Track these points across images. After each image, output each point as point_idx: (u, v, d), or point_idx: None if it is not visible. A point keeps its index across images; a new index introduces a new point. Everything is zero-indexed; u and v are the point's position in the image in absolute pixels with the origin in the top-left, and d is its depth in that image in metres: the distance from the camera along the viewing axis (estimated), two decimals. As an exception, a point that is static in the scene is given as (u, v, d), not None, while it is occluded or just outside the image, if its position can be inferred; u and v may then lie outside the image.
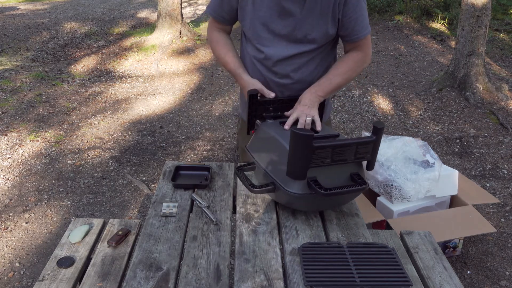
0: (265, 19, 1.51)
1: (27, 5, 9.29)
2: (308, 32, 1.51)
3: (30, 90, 4.72)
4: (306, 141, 1.22)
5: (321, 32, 1.51)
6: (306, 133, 1.22)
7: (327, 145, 1.26)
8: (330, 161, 1.29)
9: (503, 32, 6.47)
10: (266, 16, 1.50)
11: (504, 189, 3.02)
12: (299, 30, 1.50)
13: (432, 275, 1.36)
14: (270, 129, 1.48)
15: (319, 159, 1.27)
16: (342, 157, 1.30)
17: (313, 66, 1.59)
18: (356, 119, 4.13)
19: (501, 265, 2.36)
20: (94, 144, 3.66)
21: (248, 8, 1.52)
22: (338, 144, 1.27)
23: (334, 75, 1.56)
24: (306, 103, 1.50)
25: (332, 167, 1.32)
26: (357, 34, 1.53)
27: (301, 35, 1.52)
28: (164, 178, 1.68)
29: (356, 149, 1.30)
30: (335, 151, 1.27)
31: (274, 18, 1.50)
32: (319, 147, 1.24)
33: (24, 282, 2.28)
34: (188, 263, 1.25)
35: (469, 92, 4.27)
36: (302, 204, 1.41)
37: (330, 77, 1.55)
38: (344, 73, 1.56)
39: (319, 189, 1.28)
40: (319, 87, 1.54)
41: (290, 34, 1.51)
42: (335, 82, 1.55)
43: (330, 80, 1.55)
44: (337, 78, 1.55)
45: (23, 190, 3.04)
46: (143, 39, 6.34)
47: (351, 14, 1.49)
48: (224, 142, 3.71)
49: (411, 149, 2.36)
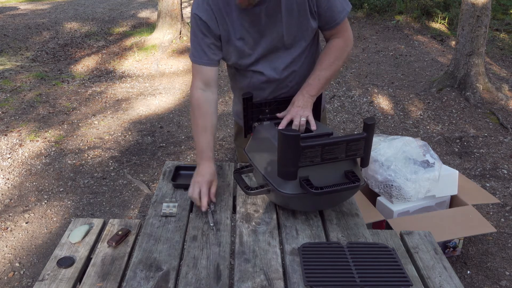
0: (251, 42, 1.50)
1: (27, 5, 9.29)
2: (296, 33, 1.50)
3: (30, 90, 4.72)
4: (293, 141, 1.22)
5: (306, 30, 1.51)
6: (293, 133, 1.22)
7: (315, 144, 1.25)
8: (320, 160, 1.28)
9: (503, 32, 6.47)
10: (251, 39, 1.49)
11: (504, 189, 3.02)
12: (287, 36, 1.50)
13: (432, 275, 1.36)
14: (265, 130, 1.49)
15: (308, 158, 1.26)
16: (332, 156, 1.29)
17: (306, 66, 1.60)
18: (356, 119, 4.13)
19: (501, 265, 2.36)
20: (94, 144, 3.66)
21: (231, 40, 1.50)
22: (327, 142, 1.27)
23: (320, 70, 1.54)
24: (299, 104, 1.50)
25: (325, 166, 1.31)
26: (335, 21, 1.51)
27: (291, 40, 1.51)
28: (164, 178, 1.68)
29: (347, 146, 1.29)
30: (324, 149, 1.27)
31: (260, 37, 1.49)
32: (307, 147, 1.24)
33: (24, 282, 2.28)
34: (188, 263, 1.25)
35: (469, 92, 4.27)
36: (297, 204, 1.41)
37: (318, 73, 1.54)
38: (330, 65, 1.54)
39: (310, 189, 1.27)
40: (309, 87, 1.53)
41: (280, 43, 1.51)
42: (324, 76, 1.53)
43: (318, 76, 1.53)
44: (324, 73, 1.53)
45: (23, 190, 3.04)
46: (143, 39, 6.34)
47: (324, 3, 1.47)
48: (224, 142, 3.71)
49: (411, 149, 2.36)
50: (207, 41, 1.50)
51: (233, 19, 1.46)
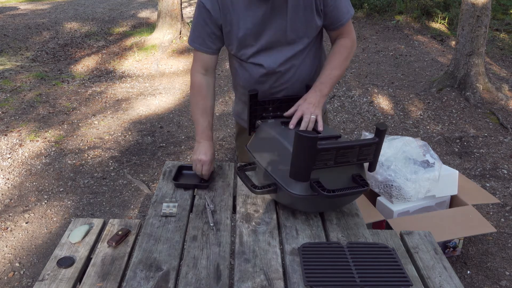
0: (254, 33, 1.50)
1: (27, 5, 9.29)
2: (299, 29, 1.51)
3: (30, 90, 4.72)
4: (310, 143, 1.22)
5: (310, 27, 1.52)
6: (311, 135, 1.21)
7: (332, 147, 1.26)
8: (333, 163, 1.28)
9: (503, 32, 6.47)
10: (254, 30, 1.50)
11: (504, 189, 3.02)
12: (290, 32, 1.51)
13: (432, 275, 1.36)
14: (271, 129, 1.48)
15: (322, 161, 1.26)
16: (345, 159, 1.30)
17: (308, 62, 1.61)
18: (356, 119, 4.13)
19: (501, 265, 2.36)
20: (94, 144, 3.66)
21: (234, 30, 1.51)
22: (343, 146, 1.27)
23: (332, 69, 1.55)
24: (312, 102, 1.49)
25: (333, 169, 1.32)
26: (341, 21, 1.54)
27: (294, 35, 1.52)
28: (164, 178, 1.68)
29: (359, 150, 1.30)
30: (338, 153, 1.27)
31: (263, 29, 1.50)
32: (323, 149, 1.24)
33: (24, 282, 2.28)
34: (188, 263, 1.25)
35: (469, 92, 4.27)
36: (305, 205, 1.41)
37: (329, 71, 1.55)
38: (341, 64, 1.57)
39: (322, 191, 1.27)
40: (322, 85, 1.53)
41: (282, 37, 1.52)
42: (335, 75, 1.55)
43: (329, 75, 1.55)
44: (335, 71, 1.56)
45: (23, 190, 3.04)
46: (143, 39, 6.34)
47: (331, 3, 1.49)
48: (224, 142, 3.71)
49: (411, 149, 2.36)
50: (207, 30, 1.53)
51: (239, 9, 1.47)
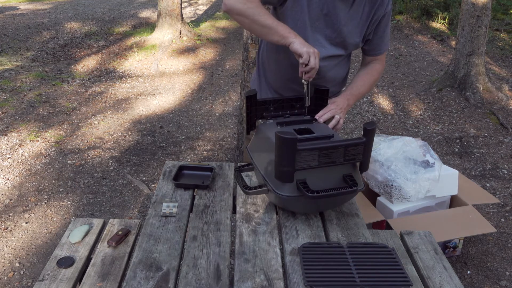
0: (313, 20, 1.52)
1: (27, 5, 9.29)
2: (347, 38, 1.56)
3: (30, 90, 4.72)
4: (290, 144, 1.22)
5: (355, 41, 1.59)
6: (290, 136, 1.22)
7: (312, 147, 1.25)
8: (317, 164, 1.27)
9: (503, 32, 6.47)
10: (314, 17, 1.52)
11: (504, 189, 3.02)
12: (340, 35, 1.56)
13: (432, 275, 1.36)
14: (266, 129, 1.47)
15: (305, 161, 1.26)
16: (330, 160, 1.28)
17: (339, 69, 1.67)
18: (356, 119, 4.13)
19: (501, 265, 2.36)
20: (94, 144, 3.66)
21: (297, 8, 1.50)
22: (324, 146, 1.26)
23: (362, 86, 1.66)
24: (342, 106, 1.58)
25: (323, 169, 1.31)
26: (381, 50, 1.66)
27: (340, 39, 1.57)
28: (164, 178, 1.68)
29: (345, 151, 1.28)
30: (322, 153, 1.26)
31: (321, 20, 1.52)
32: (303, 150, 1.24)
33: (24, 282, 2.28)
34: (188, 263, 1.25)
35: (469, 92, 4.27)
36: (295, 206, 1.41)
37: (359, 86, 1.65)
38: (370, 84, 1.68)
39: (306, 192, 1.27)
40: (351, 96, 1.63)
41: (331, 36, 1.56)
42: (362, 92, 1.66)
43: (359, 89, 1.64)
44: (363, 89, 1.66)
45: (23, 190, 3.04)
46: (143, 39, 6.34)
47: (380, 33, 1.60)
48: (224, 142, 3.71)
49: (411, 149, 2.36)
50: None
51: None
